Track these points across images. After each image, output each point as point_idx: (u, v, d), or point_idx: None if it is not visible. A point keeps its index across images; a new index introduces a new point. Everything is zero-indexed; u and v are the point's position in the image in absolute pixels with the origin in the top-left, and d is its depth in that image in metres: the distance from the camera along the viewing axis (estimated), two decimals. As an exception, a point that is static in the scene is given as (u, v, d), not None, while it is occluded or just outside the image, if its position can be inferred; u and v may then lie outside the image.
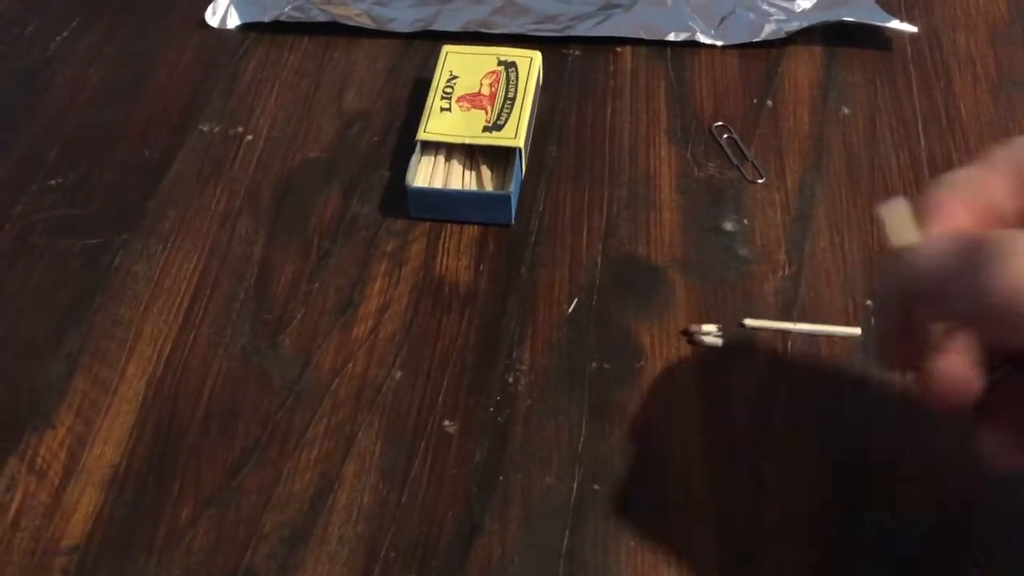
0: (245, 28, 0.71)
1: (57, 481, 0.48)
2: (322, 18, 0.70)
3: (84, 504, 0.48)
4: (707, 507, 0.47)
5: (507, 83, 0.62)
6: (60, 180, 0.61)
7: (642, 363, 0.52)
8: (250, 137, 0.64)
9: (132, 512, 0.47)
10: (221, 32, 0.70)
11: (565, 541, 0.46)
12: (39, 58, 0.69)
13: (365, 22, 0.70)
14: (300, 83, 0.67)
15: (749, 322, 0.54)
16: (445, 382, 0.52)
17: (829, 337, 0.53)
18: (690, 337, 0.53)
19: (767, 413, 0.50)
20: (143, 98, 0.66)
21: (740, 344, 0.53)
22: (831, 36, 0.69)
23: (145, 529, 0.47)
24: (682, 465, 0.49)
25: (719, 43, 0.69)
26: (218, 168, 0.62)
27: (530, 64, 0.64)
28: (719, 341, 0.53)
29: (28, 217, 0.59)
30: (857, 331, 0.53)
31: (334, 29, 0.70)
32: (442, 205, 0.59)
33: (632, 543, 0.46)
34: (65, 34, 0.70)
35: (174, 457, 0.49)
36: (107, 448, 0.50)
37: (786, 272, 0.56)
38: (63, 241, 0.58)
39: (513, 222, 0.59)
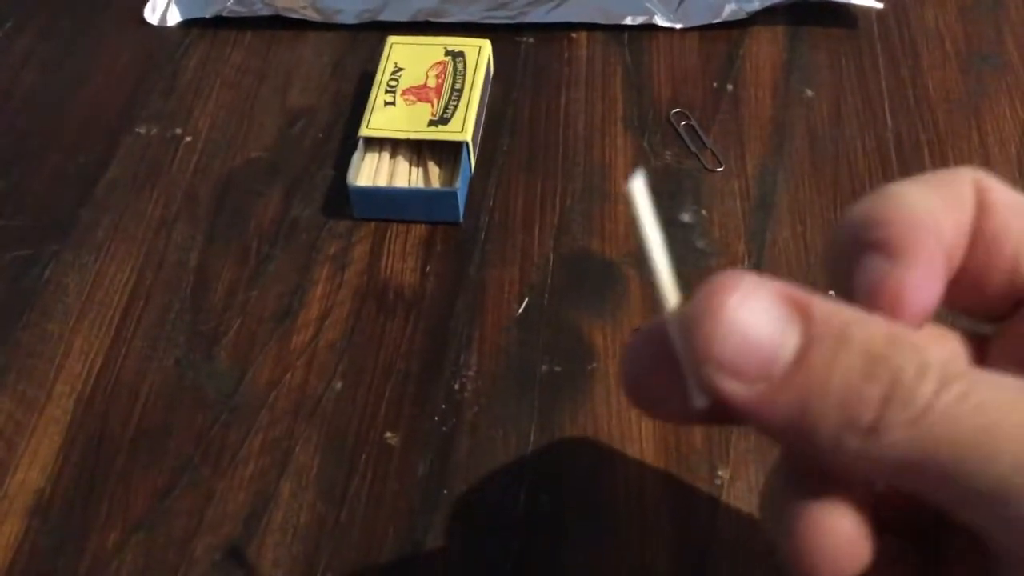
0: (186, 25, 0.68)
1: (-22, 509, 0.46)
2: (266, 12, 0.67)
3: (5, 534, 0.45)
4: (661, 519, 0.45)
5: (454, 74, 0.60)
6: (-11, 190, 0.59)
7: (594, 365, 0.50)
8: (189, 138, 0.61)
9: (56, 540, 0.45)
10: (161, 29, 0.68)
11: (513, 556, 0.44)
12: (-28, 62, 0.66)
13: (310, 15, 0.67)
14: (242, 80, 0.65)
15: (706, 319, 0.51)
16: (388, 391, 0.49)
17: (790, 332, 0.51)
18: (644, 336, 0.51)
19: (725, 415, 0.48)
20: (78, 101, 0.63)
21: (696, 342, 0.50)
22: (795, 15, 0.67)
23: (69, 557, 0.44)
24: (636, 474, 0.46)
25: (678, 26, 0.66)
26: (155, 172, 0.59)
27: (479, 53, 0.61)
28: (674, 340, 0.50)
29: (-44, 229, 0.57)
30: (819, 325, 0.50)
31: (278, 23, 0.67)
32: (386, 204, 0.56)
33: (584, 557, 0.44)
34: (-2, 36, 0.68)
35: (103, 479, 0.47)
36: (31, 473, 0.47)
37: (745, 264, 0.54)
38: (-9, 254, 0.56)
39: (462, 220, 0.56)
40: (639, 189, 0.25)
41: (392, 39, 0.62)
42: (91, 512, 0.46)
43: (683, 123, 0.61)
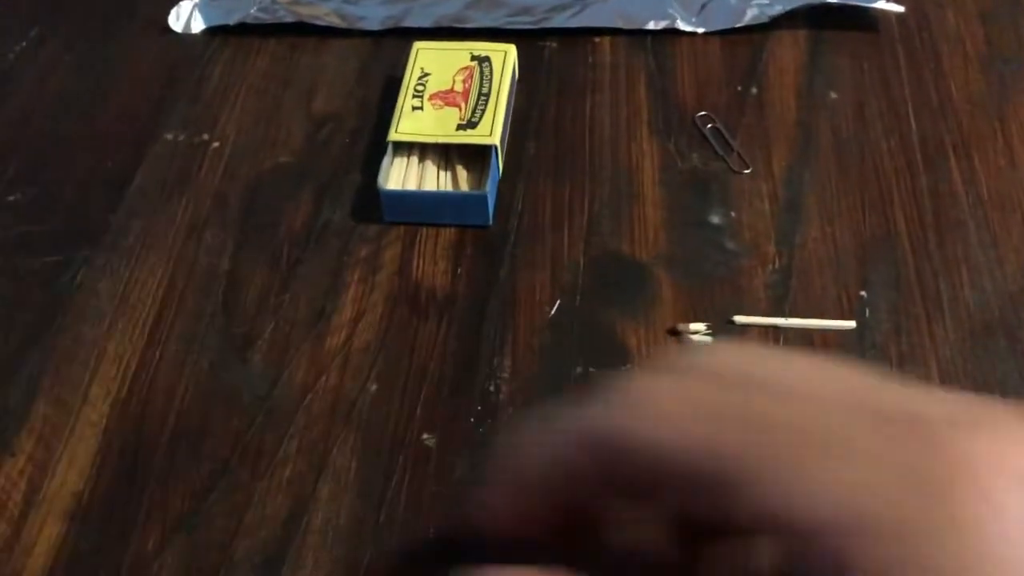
0: (210, 32, 0.68)
1: (17, 512, 0.46)
2: (289, 19, 0.68)
3: (45, 536, 0.45)
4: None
5: (481, 79, 0.60)
6: (18, 196, 0.59)
7: (629, 366, 0.50)
8: (216, 144, 0.61)
9: (96, 542, 0.45)
10: (185, 37, 0.68)
11: (552, 557, 0.44)
12: (-3, 70, 0.67)
13: (334, 21, 0.68)
14: (268, 87, 0.65)
15: (739, 319, 0.51)
16: (423, 393, 0.50)
17: (823, 331, 0.51)
18: (678, 337, 0.51)
19: (760, 414, 0.48)
20: (105, 108, 0.64)
21: (730, 342, 0.51)
22: (816, 19, 0.67)
23: (110, 559, 0.44)
24: (673, 472, 0.46)
25: (700, 30, 0.67)
26: (184, 177, 0.60)
27: (504, 58, 0.61)
28: (708, 340, 0.51)
29: (-14, 235, 0.57)
30: (852, 324, 0.51)
31: (302, 30, 0.67)
32: (416, 208, 0.56)
33: (623, 556, 0.44)
34: (24, 44, 0.68)
35: (140, 482, 0.47)
36: (70, 475, 0.47)
37: (776, 265, 0.54)
38: (22, 260, 0.56)
39: (491, 223, 0.56)
40: None
41: (418, 44, 0.62)
42: (130, 515, 0.46)
43: (708, 126, 0.61)
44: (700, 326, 0.51)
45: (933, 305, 0.52)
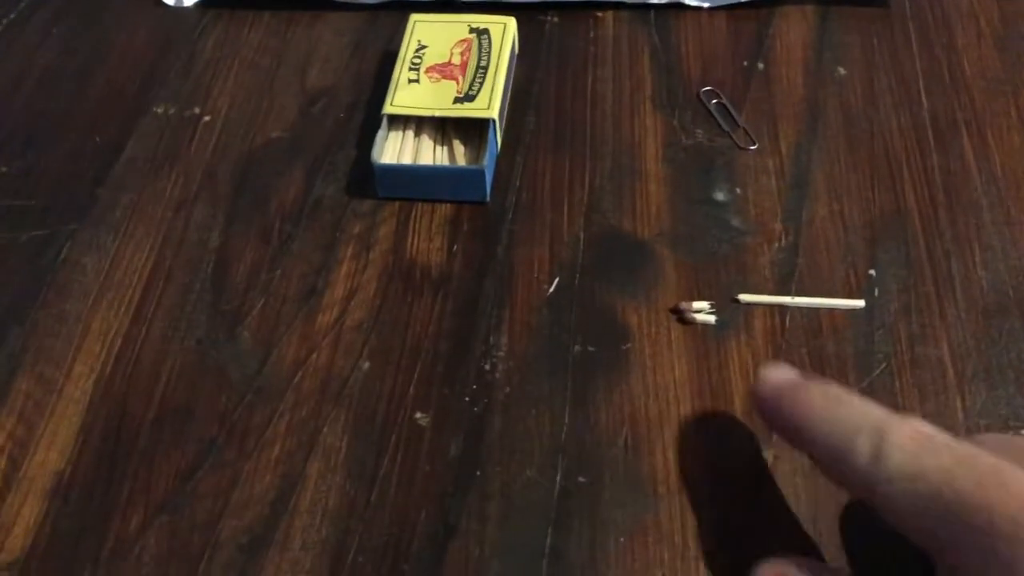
0: (203, 5, 0.67)
1: (-4, 491, 0.45)
2: (284, -9, 0.66)
3: (25, 515, 0.44)
4: (703, 499, 0.43)
5: (479, 51, 0.58)
6: (4, 169, 0.57)
7: (629, 345, 0.48)
8: (207, 118, 0.60)
9: (77, 522, 0.44)
10: (177, 10, 0.66)
11: (548, 539, 0.42)
12: (-15, 43, 0.65)
13: (330, -6, 0.66)
14: (261, 61, 0.63)
15: (744, 297, 0.50)
16: (417, 372, 0.48)
17: (830, 310, 0.49)
18: (680, 315, 0.49)
19: (765, 394, 0.46)
20: (94, 81, 0.62)
21: (734, 321, 0.49)
22: (824, -6, 0.65)
23: (91, 540, 0.43)
24: (675, 454, 0.45)
25: (706, 4, 0.65)
26: (173, 152, 0.58)
27: (504, 31, 0.60)
28: (712, 319, 0.49)
29: (-30, 209, 0.56)
30: (860, 303, 0.49)
31: (297, 3, 0.66)
32: (411, 183, 0.55)
33: (621, 539, 0.42)
34: (12, 16, 0.66)
35: (124, 461, 0.45)
36: (51, 454, 0.46)
37: (782, 243, 0.52)
38: (7, 234, 0.54)
39: (488, 199, 0.55)
40: None
41: (415, 17, 0.61)
42: (112, 494, 0.44)
43: (714, 101, 0.59)
44: (703, 304, 0.49)
45: (945, 284, 0.50)
